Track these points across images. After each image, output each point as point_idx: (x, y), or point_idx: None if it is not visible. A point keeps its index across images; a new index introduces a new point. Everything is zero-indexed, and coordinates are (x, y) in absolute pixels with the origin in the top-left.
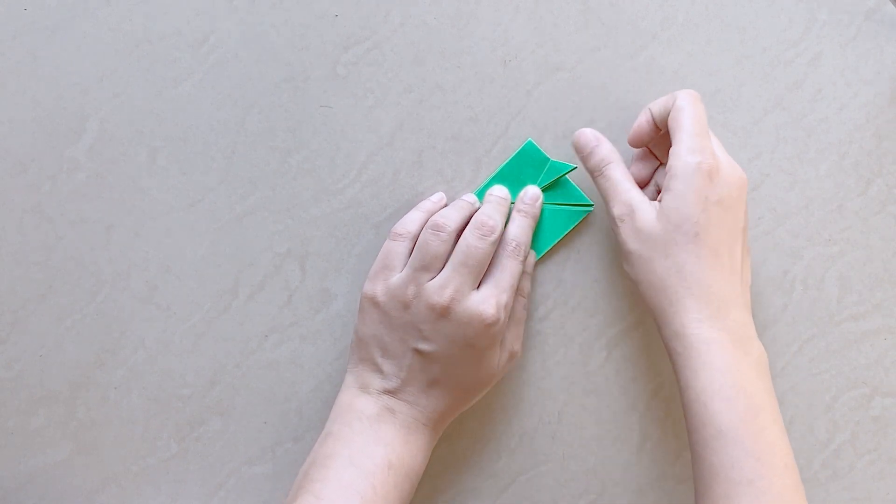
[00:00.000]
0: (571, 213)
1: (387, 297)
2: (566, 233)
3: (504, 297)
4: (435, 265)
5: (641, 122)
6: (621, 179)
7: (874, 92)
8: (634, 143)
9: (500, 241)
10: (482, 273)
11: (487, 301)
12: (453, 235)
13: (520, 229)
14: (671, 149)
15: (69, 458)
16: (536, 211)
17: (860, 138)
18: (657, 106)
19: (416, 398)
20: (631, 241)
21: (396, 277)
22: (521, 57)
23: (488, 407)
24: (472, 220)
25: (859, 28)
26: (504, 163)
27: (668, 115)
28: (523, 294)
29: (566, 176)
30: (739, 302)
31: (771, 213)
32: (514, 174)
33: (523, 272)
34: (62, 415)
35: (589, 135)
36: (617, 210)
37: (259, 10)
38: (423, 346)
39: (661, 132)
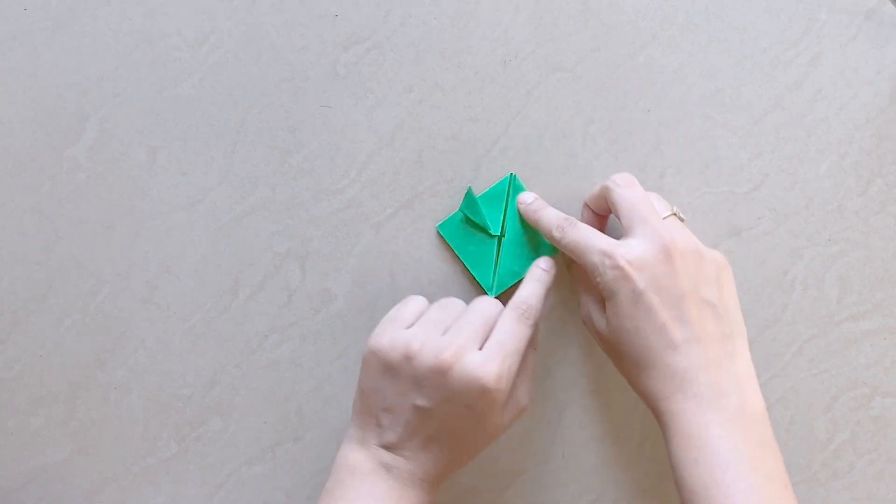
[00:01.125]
0: (543, 247)
1: (392, 349)
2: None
3: (508, 363)
4: (447, 323)
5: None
6: (577, 286)
7: (874, 92)
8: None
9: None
10: (487, 332)
11: (488, 366)
12: (492, 318)
13: (531, 293)
14: (587, 265)
15: (69, 458)
16: (550, 277)
17: (860, 138)
18: (593, 200)
19: (414, 454)
20: (598, 342)
21: (405, 331)
22: (521, 57)
23: None
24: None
25: (859, 28)
26: (486, 191)
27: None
28: (534, 346)
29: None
30: (702, 363)
31: (771, 213)
32: (494, 203)
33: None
34: (62, 415)
35: (535, 269)
36: (582, 314)
37: (259, 10)
38: (422, 403)
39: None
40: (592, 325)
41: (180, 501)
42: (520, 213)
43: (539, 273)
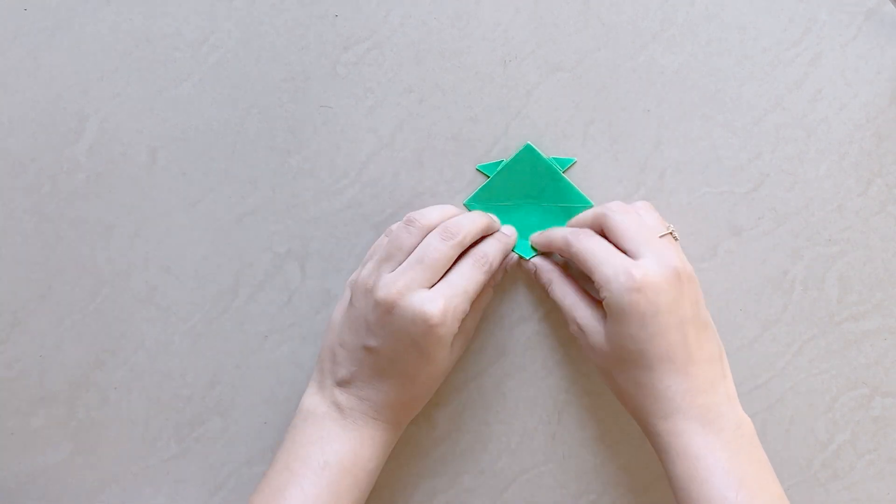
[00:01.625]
0: (570, 213)
1: (354, 286)
2: None
3: (455, 301)
4: (398, 257)
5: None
6: (565, 296)
7: (874, 92)
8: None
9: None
10: (437, 275)
11: (435, 301)
12: (425, 231)
13: (491, 247)
14: (595, 284)
15: (69, 458)
16: (510, 241)
17: (860, 138)
18: (584, 225)
19: (366, 392)
20: (590, 355)
21: (366, 267)
22: (521, 57)
23: (488, 407)
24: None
25: (859, 28)
26: (503, 165)
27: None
28: (491, 285)
29: (564, 176)
30: (702, 386)
31: (771, 213)
32: (513, 177)
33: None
34: (62, 415)
35: (528, 266)
36: (570, 327)
37: (259, 10)
38: (370, 342)
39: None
40: (586, 339)
41: (180, 501)
42: (537, 179)
43: (501, 236)
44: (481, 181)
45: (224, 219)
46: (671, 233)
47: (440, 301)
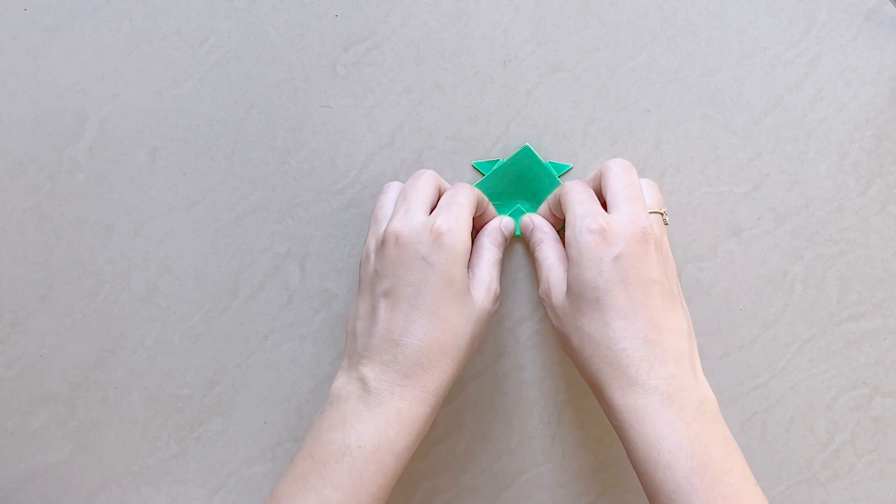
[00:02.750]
0: None
1: (360, 267)
2: None
3: (455, 210)
4: (384, 213)
5: (542, 211)
6: (547, 257)
7: (874, 92)
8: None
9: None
10: (429, 205)
11: (437, 216)
12: (398, 187)
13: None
14: (567, 216)
15: (69, 458)
16: (509, 226)
17: (860, 138)
18: (552, 197)
19: (392, 355)
20: (553, 320)
21: (365, 245)
22: (521, 57)
23: (488, 407)
24: None
25: (859, 28)
26: (502, 162)
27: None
28: (495, 244)
29: (560, 180)
30: (664, 356)
31: (771, 213)
32: (509, 177)
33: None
34: (62, 415)
35: (525, 220)
36: (540, 289)
37: (259, 10)
38: (384, 285)
39: (559, 217)
40: (550, 300)
41: (180, 501)
42: (534, 179)
43: (502, 226)
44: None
45: (224, 219)
46: (662, 213)
47: (440, 216)
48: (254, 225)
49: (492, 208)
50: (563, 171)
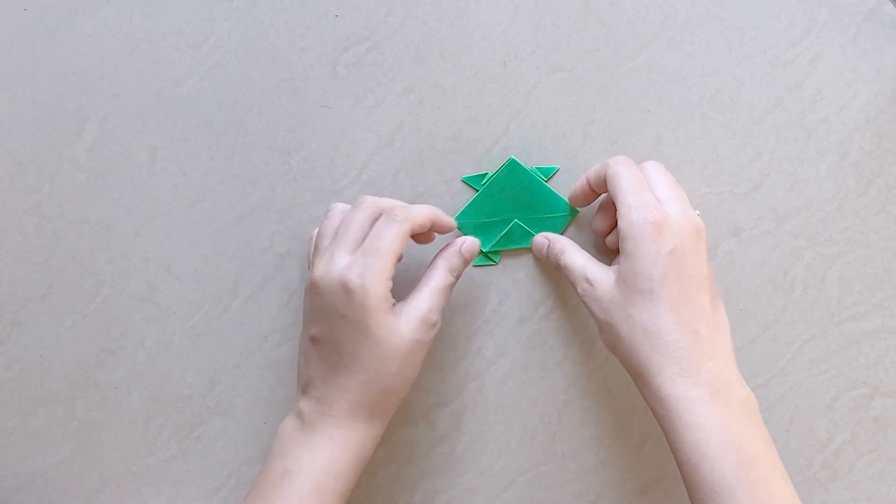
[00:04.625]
0: (556, 222)
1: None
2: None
3: (369, 260)
4: (323, 244)
5: (578, 187)
6: (575, 260)
7: (874, 92)
8: (575, 203)
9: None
10: (352, 244)
11: (351, 268)
12: (342, 212)
13: (411, 206)
14: (617, 212)
15: (69, 458)
16: (448, 224)
17: (860, 138)
18: (592, 173)
19: (322, 391)
20: (597, 311)
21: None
22: (521, 57)
23: (488, 407)
24: None
25: (859, 28)
26: (488, 180)
27: (604, 181)
28: (451, 271)
29: (547, 184)
30: (712, 351)
31: (771, 213)
32: (499, 192)
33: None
34: (62, 415)
35: (539, 239)
36: (579, 289)
37: (259, 11)
38: (312, 331)
39: (599, 195)
40: (594, 292)
41: (180, 501)
42: (524, 190)
43: (442, 224)
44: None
45: (224, 219)
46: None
47: (355, 265)
48: (254, 225)
49: (445, 219)
50: (551, 174)
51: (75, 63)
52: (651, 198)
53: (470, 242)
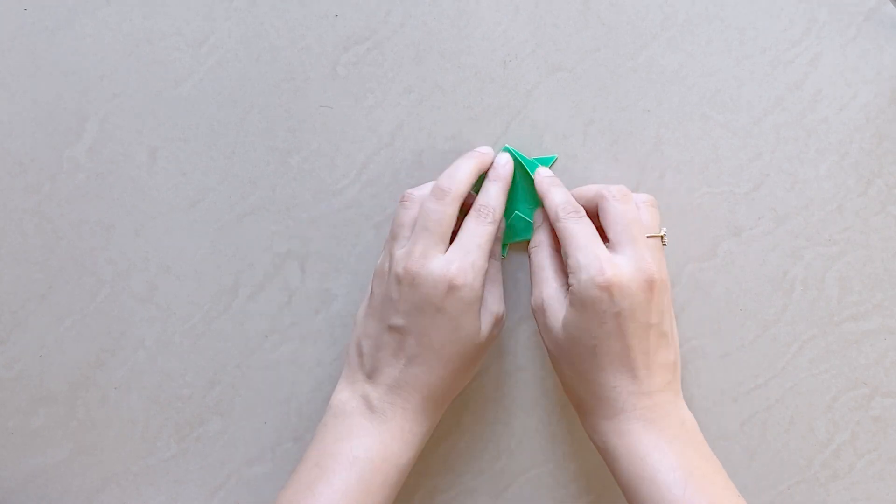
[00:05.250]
0: None
1: (374, 276)
2: None
3: (471, 257)
4: (403, 233)
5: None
6: (543, 266)
7: (874, 92)
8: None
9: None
10: (445, 237)
11: (452, 263)
12: (420, 201)
13: (487, 194)
14: (570, 261)
15: (69, 458)
16: (506, 173)
17: (860, 138)
18: (582, 199)
19: (396, 380)
20: (545, 337)
21: (381, 257)
22: (521, 57)
23: (488, 407)
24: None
25: (859, 28)
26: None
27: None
28: (495, 257)
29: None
30: (649, 391)
31: (771, 213)
32: None
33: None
34: (62, 415)
35: (539, 215)
36: (532, 300)
37: (259, 11)
38: (395, 321)
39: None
40: (544, 318)
41: (180, 501)
42: (521, 180)
43: (497, 172)
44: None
45: (224, 219)
46: (662, 237)
47: (456, 261)
48: (254, 225)
49: (488, 157)
50: (550, 163)
51: (75, 63)
52: (602, 253)
53: (501, 227)
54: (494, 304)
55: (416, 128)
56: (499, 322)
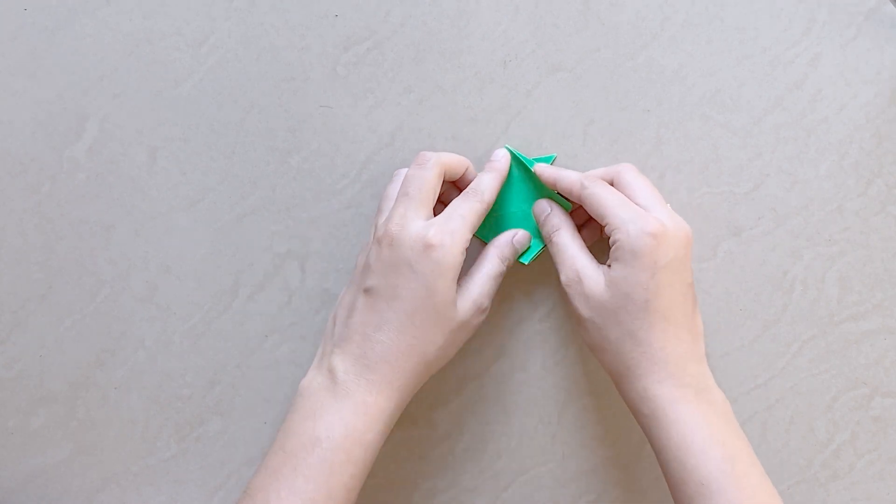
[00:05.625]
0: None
1: (360, 249)
2: None
3: (452, 224)
4: (387, 205)
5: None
6: (568, 245)
7: (874, 92)
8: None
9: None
10: (426, 202)
11: (433, 225)
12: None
13: (479, 180)
14: (608, 226)
15: (69, 458)
16: (501, 166)
17: (860, 138)
18: (567, 187)
19: (363, 349)
20: (582, 308)
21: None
22: (521, 57)
23: (488, 407)
24: None
25: (859, 28)
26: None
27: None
28: (500, 258)
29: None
30: (695, 355)
31: (771, 213)
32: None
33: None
34: (62, 415)
35: (543, 204)
36: (563, 276)
37: (259, 11)
38: (369, 282)
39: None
40: (581, 287)
41: (180, 501)
42: (523, 180)
43: (492, 164)
44: None
45: (224, 219)
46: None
47: (436, 225)
48: (254, 225)
49: (471, 170)
50: (550, 162)
51: (75, 63)
52: (639, 209)
53: (521, 234)
54: (480, 295)
55: (416, 128)
56: (479, 311)
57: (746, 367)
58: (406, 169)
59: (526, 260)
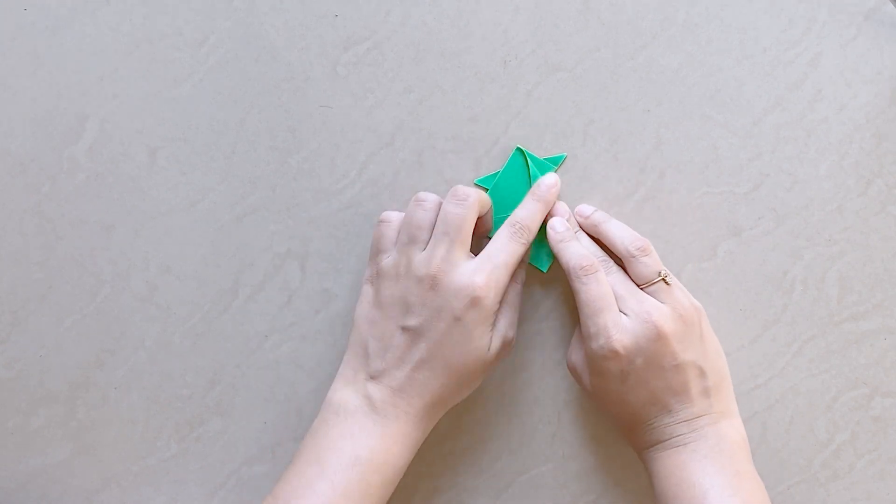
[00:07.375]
0: None
1: (380, 277)
2: None
3: (497, 273)
4: (421, 236)
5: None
6: (595, 299)
7: (874, 92)
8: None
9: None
10: (467, 242)
11: (478, 272)
12: (437, 204)
13: (527, 212)
14: (583, 325)
15: (69, 458)
16: (551, 198)
17: (860, 138)
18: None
19: (401, 383)
20: (579, 382)
21: (387, 257)
22: (521, 57)
23: (488, 407)
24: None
25: (859, 28)
26: (499, 175)
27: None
28: (517, 281)
29: (555, 173)
30: (686, 416)
31: (771, 213)
32: (510, 184)
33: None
34: (62, 415)
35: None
36: (566, 359)
37: (259, 10)
38: (410, 322)
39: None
40: (577, 378)
41: (180, 501)
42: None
43: (541, 191)
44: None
45: (224, 219)
46: (664, 278)
47: (483, 273)
48: (254, 225)
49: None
50: (560, 162)
51: (75, 63)
52: (609, 319)
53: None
54: (507, 327)
55: (416, 128)
56: (507, 345)
57: (746, 367)
58: (392, 212)
59: (545, 268)
